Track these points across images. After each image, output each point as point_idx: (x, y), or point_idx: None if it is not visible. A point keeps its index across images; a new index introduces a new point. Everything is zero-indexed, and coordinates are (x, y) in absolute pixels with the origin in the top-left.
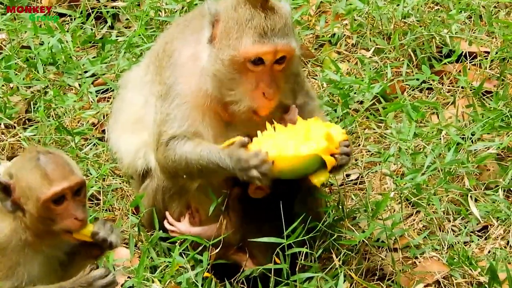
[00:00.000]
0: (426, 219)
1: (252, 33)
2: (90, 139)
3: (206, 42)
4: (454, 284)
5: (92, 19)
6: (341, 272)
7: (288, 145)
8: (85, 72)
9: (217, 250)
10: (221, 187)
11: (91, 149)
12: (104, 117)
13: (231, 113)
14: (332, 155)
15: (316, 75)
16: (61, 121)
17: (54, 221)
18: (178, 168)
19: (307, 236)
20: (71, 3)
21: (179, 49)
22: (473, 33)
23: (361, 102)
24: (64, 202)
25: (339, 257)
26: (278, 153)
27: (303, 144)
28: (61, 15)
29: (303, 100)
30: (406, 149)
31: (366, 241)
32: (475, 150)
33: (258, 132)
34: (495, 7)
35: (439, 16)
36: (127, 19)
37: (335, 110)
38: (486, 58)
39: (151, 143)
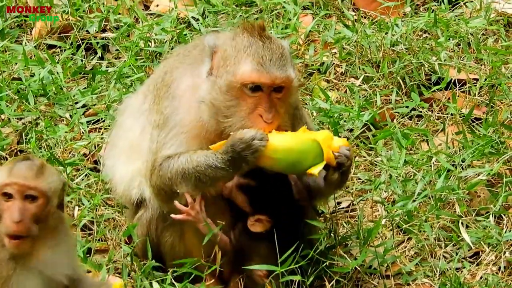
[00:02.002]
0: (418, 245)
1: (251, 60)
2: (81, 170)
3: (205, 75)
4: None
5: (82, 50)
6: None
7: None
8: (76, 103)
9: (212, 281)
10: (218, 216)
11: (83, 179)
12: (95, 148)
13: None
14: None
15: (306, 104)
16: (52, 152)
17: (1, 217)
18: (175, 183)
19: (300, 264)
20: (61, 35)
21: (177, 79)
22: (462, 60)
23: (351, 130)
24: (10, 199)
25: (331, 284)
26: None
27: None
28: (51, 46)
29: None
30: (397, 176)
31: (359, 268)
32: (465, 176)
33: None
34: (483, 34)
35: (428, 44)
36: (117, 50)
37: None
38: (475, 85)
39: (144, 171)
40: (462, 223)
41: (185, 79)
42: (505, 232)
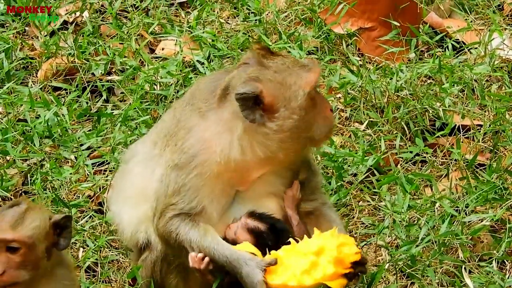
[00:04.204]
0: None
1: (299, 67)
2: (86, 212)
3: (249, 125)
4: None
5: (88, 93)
6: None
7: (295, 273)
8: (81, 145)
9: None
10: None
11: (87, 221)
12: (100, 190)
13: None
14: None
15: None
16: (57, 193)
17: None
18: (182, 246)
19: None
20: (67, 77)
21: (197, 125)
22: (466, 106)
23: (355, 175)
24: None
25: None
26: (283, 282)
27: (309, 272)
28: (57, 88)
29: (305, 175)
30: (400, 221)
31: None
32: (469, 222)
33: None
34: (487, 80)
35: (432, 90)
36: (122, 92)
37: (329, 183)
38: (479, 131)
39: (151, 212)
40: (465, 268)
41: (204, 126)
42: (508, 277)
